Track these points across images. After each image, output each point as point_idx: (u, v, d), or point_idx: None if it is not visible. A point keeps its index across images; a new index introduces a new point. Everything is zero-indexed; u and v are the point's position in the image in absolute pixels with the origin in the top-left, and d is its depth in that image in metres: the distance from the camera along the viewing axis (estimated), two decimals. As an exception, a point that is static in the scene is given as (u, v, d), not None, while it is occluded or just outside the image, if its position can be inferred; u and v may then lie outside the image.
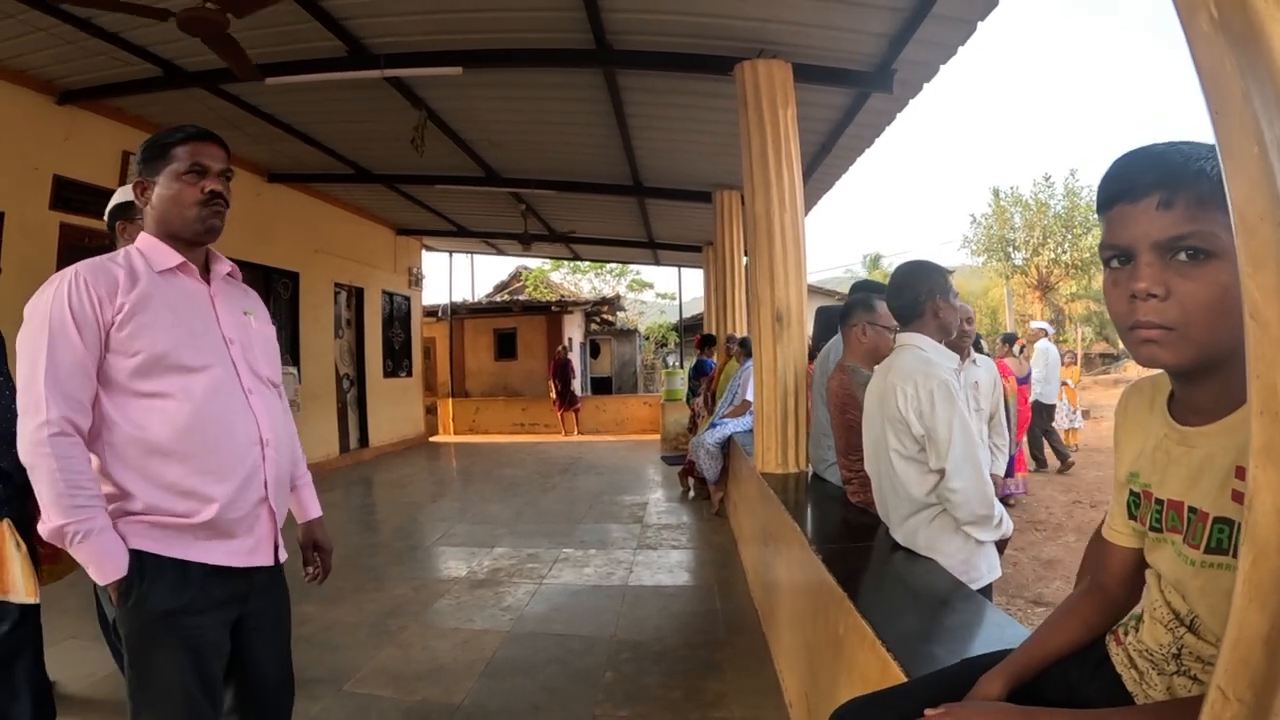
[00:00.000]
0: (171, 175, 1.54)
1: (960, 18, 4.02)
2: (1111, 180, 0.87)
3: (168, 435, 1.44)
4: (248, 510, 1.53)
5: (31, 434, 1.35)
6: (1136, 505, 0.97)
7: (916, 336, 2.18)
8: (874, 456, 2.23)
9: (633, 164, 7.56)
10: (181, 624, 1.44)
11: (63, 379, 1.38)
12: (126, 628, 1.43)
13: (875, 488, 2.26)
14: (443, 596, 4.18)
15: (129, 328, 1.44)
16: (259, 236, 8.16)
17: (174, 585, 1.44)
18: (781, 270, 4.21)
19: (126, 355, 1.43)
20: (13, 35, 4.63)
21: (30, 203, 5.40)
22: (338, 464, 9.75)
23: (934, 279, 2.20)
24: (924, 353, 2.13)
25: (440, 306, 15.89)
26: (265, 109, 6.37)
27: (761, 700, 2.81)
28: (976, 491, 1.97)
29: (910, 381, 2.04)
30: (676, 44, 4.69)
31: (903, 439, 2.07)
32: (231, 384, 1.55)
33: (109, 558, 1.38)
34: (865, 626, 1.57)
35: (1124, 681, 0.99)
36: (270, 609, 1.64)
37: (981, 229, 29.79)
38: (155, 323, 1.46)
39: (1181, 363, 0.83)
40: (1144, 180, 0.83)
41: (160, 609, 1.42)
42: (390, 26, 4.76)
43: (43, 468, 1.35)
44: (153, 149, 1.57)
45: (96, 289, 1.43)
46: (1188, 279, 0.79)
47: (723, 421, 6.16)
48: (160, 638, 1.43)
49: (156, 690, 1.44)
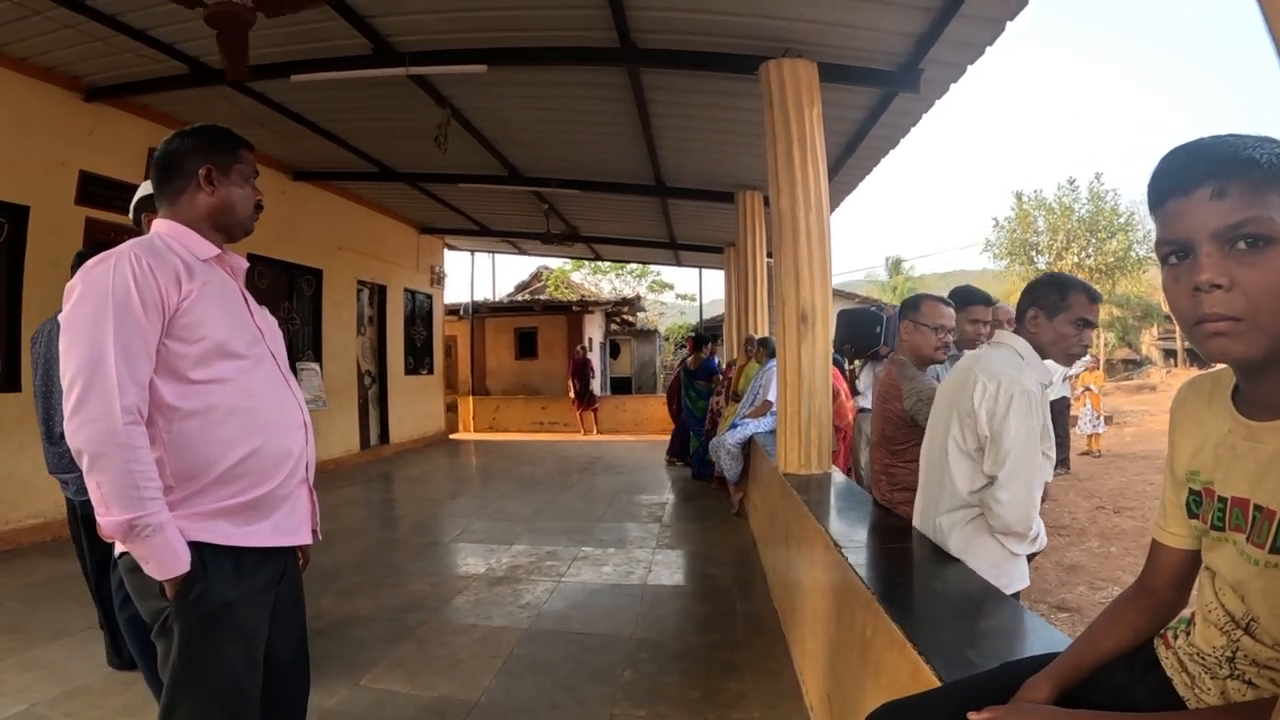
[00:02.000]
0: (241, 176, 1.60)
1: (989, 17, 3.96)
2: (1161, 176, 0.85)
3: (230, 421, 1.45)
4: (291, 490, 1.57)
5: (102, 421, 1.30)
6: (1198, 504, 0.94)
7: (1019, 341, 2.09)
8: (931, 443, 2.19)
9: (655, 163, 7.54)
10: (237, 614, 1.45)
11: (131, 362, 1.35)
12: (184, 621, 1.40)
13: (922, 475, 2.22)
14: (461, 593, 4.18)
15: (193, 315, 1.44)
16: (283, 233, 8.24)
17: (233, 575, 1.44)
18: (806, 270, 4.18)
19: (188, 342, 1.43)
20: (41, 32, 4.70)
21: (56, 197, 5.49)
22: (358, 460, 9.83)
23: (1040, 293, 2.09)
24: (1019, 358, 2.05)
25: (462, 305, 16.02)
26: (290, 107, 6.43)
27: (781, 702, 2.77)
28: (1020, 511, 1.92)
29: (994, 379, 1.97)
30: (701, 43, 4.66)
31: (965, 432, 2.02)
32: (274, 370, 1.59)
33: (174, 553, 1.36)
34: (895, 629, 1.54)
35: (1174, 685, 0.97)
36: (288, 591, 1.65)
37: (1004, 232, 29.45)
38: (211, 311, 1.47)
39: (1252, 354, 0.80)
40: (1195, 172, 0.81)
41: (221, 600, 1.42)
42: (416, 24, 4.78)
43: (115, 458, 1.30)
44: (225, 144, 1.59)
45: (162, 273, 1.41)
46: (1250, 267, 0.78)
47: (744, 422, 6.12)
48: (219, 629, 1.43)
49: (207, 682, 1.43)
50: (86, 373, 1.32)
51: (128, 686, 2.82)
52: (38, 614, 3.68)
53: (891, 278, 35.91)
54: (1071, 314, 2.01)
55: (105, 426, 1.30)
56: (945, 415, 2.11)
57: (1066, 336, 2.03)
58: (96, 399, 1.31)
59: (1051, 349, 2.06)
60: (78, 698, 2.74)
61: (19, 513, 5.11)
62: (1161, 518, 1.03)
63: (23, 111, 5.23)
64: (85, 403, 1.31)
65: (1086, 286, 2.08)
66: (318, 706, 2.68)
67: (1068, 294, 2.03)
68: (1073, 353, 2.07)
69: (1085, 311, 2.02)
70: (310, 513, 1.65)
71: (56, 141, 5.50)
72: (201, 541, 1.41)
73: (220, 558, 1.43)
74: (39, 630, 3.43)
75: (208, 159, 1.56)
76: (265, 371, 1.55)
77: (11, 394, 5.06)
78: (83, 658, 3.09)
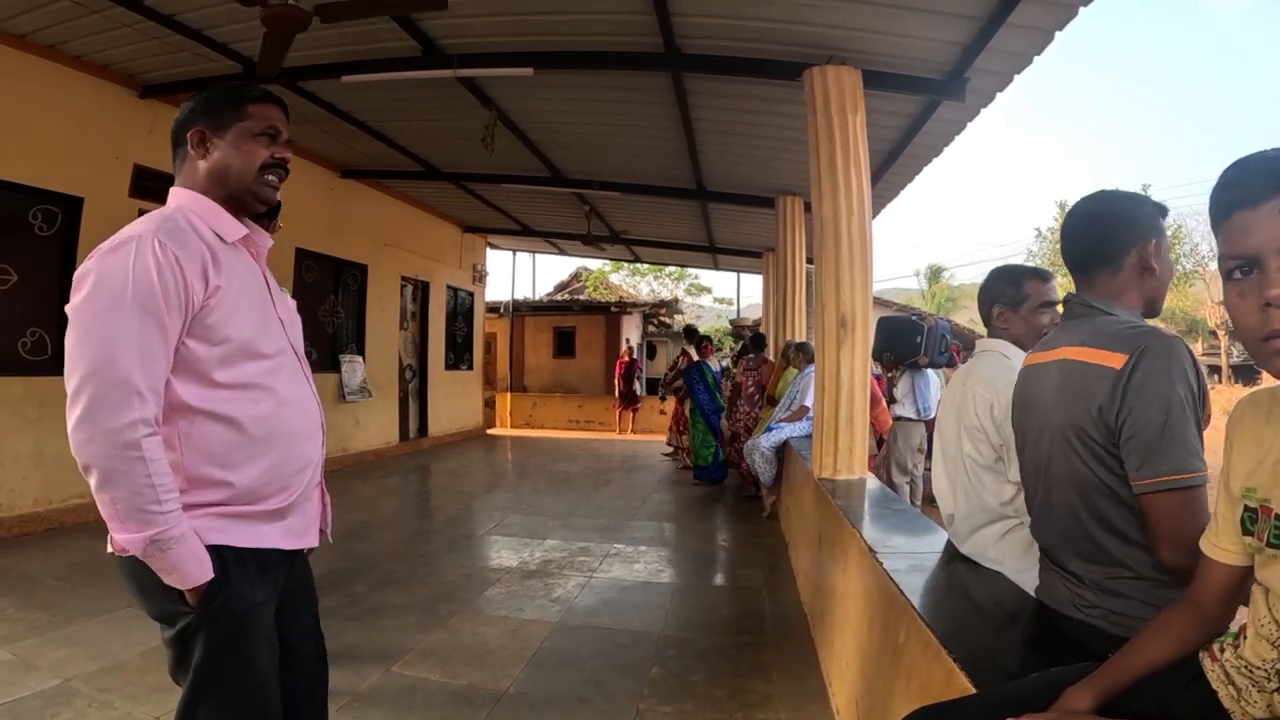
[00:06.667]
0: (244, 133, 1.40)
1: (1038, 27, 3.87)
2: (1226, 189, 0.84)
3: (255, 425, 1.35)
4: (306, 495, 1.49)
5: (115, 435, 1.17)
6: (1253, 521, 0.92)
7: (999, 343, 2.11)
8: (947, 465, 2.17)
9: (696, 167, 7.55)
10: (261, 615, 1.38)
11: (148, 366, 1.22)
12: (210, 628, 1.31)
13: (943, 497, 2.20)
14: (493, 585, 4.24)
15: (219, 314, 1.30)
16: (331, 229, 8.45)
17: (254, 576, 1.36)
18: (847, 275, 4.15)
19: (211, 343, 1.30)
20: (98, 30, 4.88)
21: (111, 190, 5.71)
22: (397, 451, 10.02)
23: (995, 289, 2.13)
24: (1007, 360, 2.05)
25: (503, 303, 16.27)
26: (340, 106, 6.60)
27: (807, 704, 2.77)
28: None
29: (990, 388, 1.98)
30: (745, 49, 4.65)
31: (980, 447, 2.01)
32: (296, 369, 1.48)
33: (195, 561, 1.25)
34: (929, 635, 1.53)
35: (1220, 698, 0.95)
36: (298, 582, 1.59)
37: (1047, 243, 28.79)
38: (239, 309, 1.35)
39: None
40: (1262, 185, 0.80)
41: (248, 604, 1.34)
42: (464, 27, 4.86)
43: (132, 473, 1.18)
44: (223, 99, 1.41)
45: (187, 264, 1.26)
46: None
47: (779, 425, 6.10)
48: (245, 633, 1.35)
49: (235, 685, 1.35)
50: (99, 376, 1.19)
51: (163, 664, 2.88)
52: (77, 592, 3.79)
53: (931, 287, 35.28)
54: (1032, 301, 2.07)
55: (119, 440, 1.17)
56: (955, 434, 2.09)
57: (1036, 323, 2.08)
58: (108, 408, 1.18)
59: (1028, 339, 2.08)
60: (113, 674, 2.81)
61: (63, 493, 5.30)
62: (1213, 533, 1.01)
63: (79, 107, 5.45)
64: (95, 412, 1.18)
65: (1035, 270, 2.17)
66: (350, 690, 2.75)
67: (1021, 284, 2.10)
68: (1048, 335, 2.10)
69: (1044, 294, 2.09)
70: (320, 514, 1.57)
71: (112, 136, 5.72)
72: (221, 545, 1.31)
73: (241, 559, 1.34)
74: (77, 608, 3.53)
75: (200, 120, 1.40)
76: (289, 372, 1.45)
77: (60, 377, 5.21)
78: (119, 635, 3.18)
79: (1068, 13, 3.71)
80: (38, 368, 5.18)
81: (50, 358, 5.24)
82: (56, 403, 4.83)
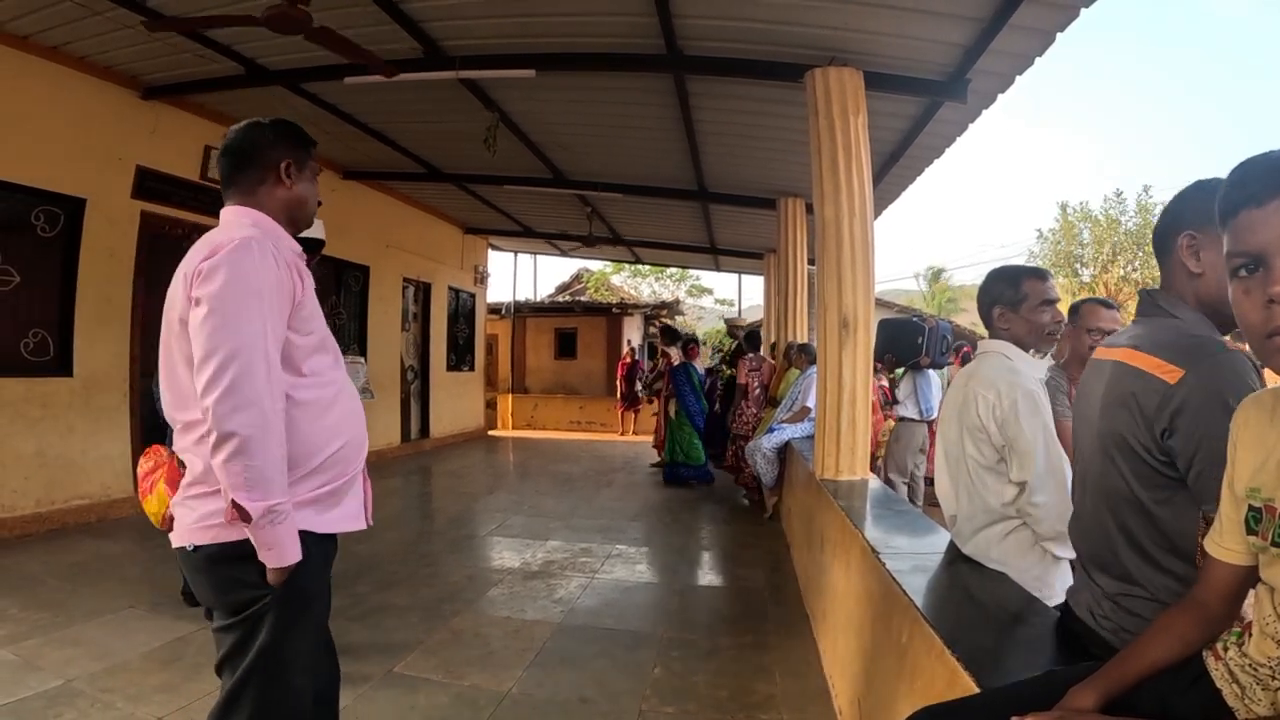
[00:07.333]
0: (312, 173, 1.66)
1: (1039, 28, 3.88)
2: (1234, 187, 0.85)
3: (331, 412, 1.52)
4: (360, 476, 1.65)
5: (258, 405, 1.33)
6: (1257, 521, 0.92)
7: (1001, 344, 2.11)
8: (950, 466, 2.18)
9: (698, 169, 7.56)
10: (324, 599, 1.56)
11: (276, 352, 1.40)
12: (280, 608, 1.42)
13: (946, 498, 2.21)
14: (495, 585, 4.25)
15: (308, 308, 1.51)
16: (332, 230, 8.28)
17: (320, 563, 1.51)
18: (849, 276, 4.16)
19: (303, 335, 1.49)
20: (100, 31, 4.87)
21: (113, 191, 5.70)
22: (398, 453, 10.02)
23: (994, 290, 2.13)
24: (1009, 361, 2.06)
25: (504, 304, 16.26)
26: (342, 108, 6.60)
27: (809, 704, 2.77)
28: (1060, 506, 1.89)
29: (992, 389, 1.98)
30: (747, 50, 4.66)
31: (982, 448, 2.01)
32: (343, 363, 1.67)
33: (295, 540, 1.40)
34: (933, 635, 1.53)
35: (1224, 696, 0.96)
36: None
37: (1048, 244, 28.77)
38: (316, 306, 1.57)
39: None
40: (1269, 183, 0.81)
41: (315, 589, 1.50)
42: (466, 29, 4.87)
43: (269, 442, 1.33)
44: (302, 140, 1.65)
45: (294, 264, 1.48)
46: None
47: (781, 426, 6.10)
48: (306, 618, 1.49)
49: (288, 668, 1.45)
50: (244, 356, 1.33)
51: (166, 665, 2.91)
52: (79, 592, 3.79)
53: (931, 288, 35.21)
54: (1032, 301, 2.08)
55: (262, 410, 1.33)
56: (957, 435, 2.10)
57: (1038, 322, 2.08)
58: (252, 383, 1.33)
59: (1029, 339, 2.09)
60: (115, 675, 2.81)
61: (65, 493, 5.31)
62: (1217, 533, 1.01)
63: (81, 108, 5.44)
64: (242, 385, 1.32)
65: (1033, 270, 2.17)
66: (351, 691, 2.74)
67: (1020, 284, 2.10)
68: (1049, 333, 2.11)
69: (1043, 293, 2.08)
70: (368, 497, 1.70)
71: (114, 137, 5.71)
72: (304, 530, 1.44)
73: (313, 546, 1.46)
74: (79, 608, 3.53)
75: (289, 153, 1.60)
76: (341, 364, 1.63)
77: (63, 378, 5.27)
78: (121, 636, 3.18)
79: (1069, 14, 3.71)
80: (40, 369, 5.18)
81: (52, 359, 5.24)
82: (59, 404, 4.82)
